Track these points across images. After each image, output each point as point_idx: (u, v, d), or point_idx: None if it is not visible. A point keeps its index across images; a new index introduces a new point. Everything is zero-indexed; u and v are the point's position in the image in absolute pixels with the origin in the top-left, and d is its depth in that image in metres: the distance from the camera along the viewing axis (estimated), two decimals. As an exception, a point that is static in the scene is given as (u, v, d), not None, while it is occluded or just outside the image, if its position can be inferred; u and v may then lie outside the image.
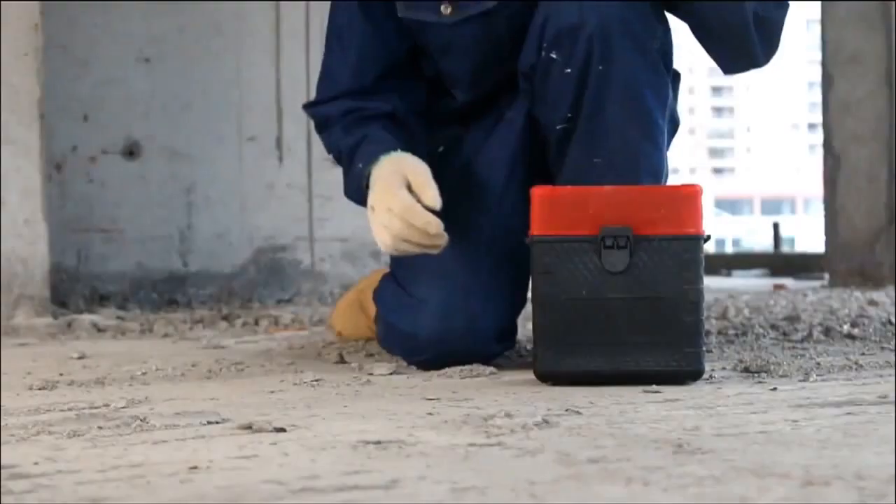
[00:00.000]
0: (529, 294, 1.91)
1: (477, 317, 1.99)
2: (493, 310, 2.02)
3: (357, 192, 2.01)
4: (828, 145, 4.98)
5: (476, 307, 2.00)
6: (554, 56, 1.94)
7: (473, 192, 2.08)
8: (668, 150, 2.07)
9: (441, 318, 1.98)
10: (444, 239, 1.86)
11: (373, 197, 1.91)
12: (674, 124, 2.09)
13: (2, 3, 3.35)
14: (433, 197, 1.85)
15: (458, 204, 1.98)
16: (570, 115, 1.96)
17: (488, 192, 2.08)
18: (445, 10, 2.01)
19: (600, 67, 1.91)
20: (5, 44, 3.37)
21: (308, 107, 2.20)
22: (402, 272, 2.09)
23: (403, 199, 1.86)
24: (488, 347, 2.02)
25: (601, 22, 1.90)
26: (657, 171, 2.00)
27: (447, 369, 1.95)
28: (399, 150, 1.95)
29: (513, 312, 2.08)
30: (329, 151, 2.15)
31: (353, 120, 2.06)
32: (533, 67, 1.97)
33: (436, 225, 1.84)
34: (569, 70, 1.93)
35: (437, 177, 1.91)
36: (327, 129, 2.12)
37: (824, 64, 5.00)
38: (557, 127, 1.98)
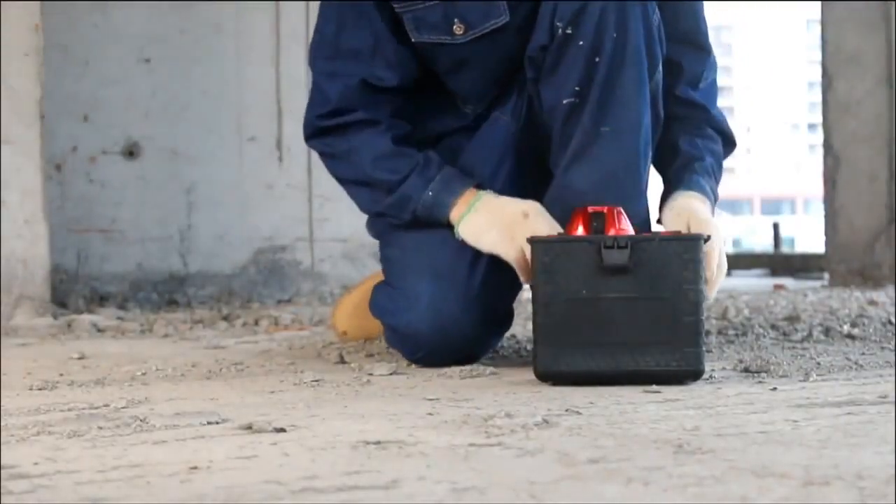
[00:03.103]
0: (529, 293, 1.91)
1: (469, 302, 2.03)
2: (486, 295, 2.05)
3: (412, 211, 2.04)
4: (828, 145, 4.98)
5: (468, 294, 2.03)
6: (569, 31, 1.96)
7: None
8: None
9: (434, 308, 2.02)
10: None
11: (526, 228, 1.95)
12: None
13: (2, 3, 3.36)
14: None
15: None
16: (577, 88, 1.97)
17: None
18: (458, 29, 2.04)
19: (615, 35, 1.94)
20: (5, 44, 3.38)
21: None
22: (394, 274, 2.13)
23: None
24: (484, 332, 2.06)
25: None
26: (648, 140, 2.02)
27: (447, 369, 1.96)
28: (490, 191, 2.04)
29: (507, 297, 2.12)
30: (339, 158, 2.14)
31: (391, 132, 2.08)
32: (544, 48, 1.99)
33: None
34: (582, 42, 1.95)
35: None
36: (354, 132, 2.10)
37: (824, 64, 5.00)
38: (565, 102, 1.99)
